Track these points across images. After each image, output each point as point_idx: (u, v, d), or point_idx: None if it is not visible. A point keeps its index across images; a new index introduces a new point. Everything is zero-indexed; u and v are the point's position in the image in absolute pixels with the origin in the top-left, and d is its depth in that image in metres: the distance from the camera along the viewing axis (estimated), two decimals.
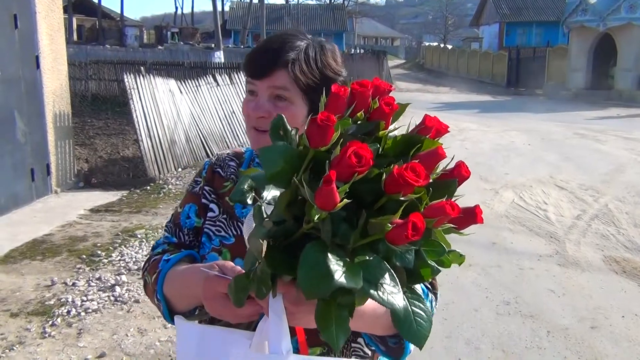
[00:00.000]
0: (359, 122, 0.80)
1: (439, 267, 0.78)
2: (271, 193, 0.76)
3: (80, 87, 15.59)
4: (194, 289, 0.97)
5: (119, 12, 42.63)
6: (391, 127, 0.81)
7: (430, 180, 0.73)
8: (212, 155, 1.33)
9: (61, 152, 6.89)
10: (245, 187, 0.78)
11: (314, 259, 0.67)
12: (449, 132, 0.82)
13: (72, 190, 6.98)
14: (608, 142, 11.50)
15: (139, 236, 5.11)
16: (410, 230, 0.66)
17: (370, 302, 0.78)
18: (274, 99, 1.06)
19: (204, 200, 1.18)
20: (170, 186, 7.19)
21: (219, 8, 35.23)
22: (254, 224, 0.79)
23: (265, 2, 33.61)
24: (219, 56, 19.76)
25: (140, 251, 4.73)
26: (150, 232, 5.26)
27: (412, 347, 1.00)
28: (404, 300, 0.72)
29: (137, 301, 3.83)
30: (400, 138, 0.78)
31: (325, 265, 0.66)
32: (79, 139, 10.25)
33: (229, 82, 10.76)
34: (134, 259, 4.55)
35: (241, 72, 11.77)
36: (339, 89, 0.77)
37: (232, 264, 0.94)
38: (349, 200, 0.68)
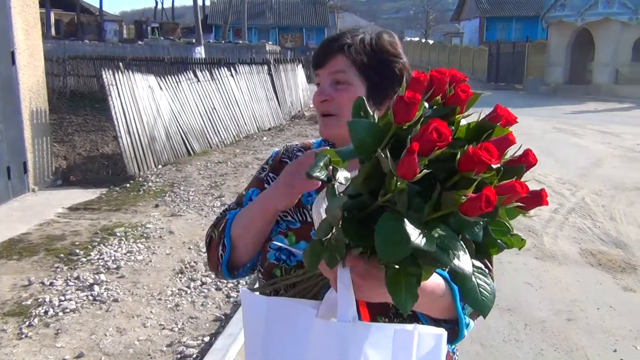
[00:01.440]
0: (436, 106, 0.84)
1: (504, 244, 0.83)
2: (343, 174, 0.82)
3: (58, 83, 15.36)
4: (265, 197, 1.10)
5: (97, 6, 42.04)
6: (466, 113, 0.86)
7: (501, 164, 0.78)
8: (194, 152, 1.40)
9: (38, 149, 6.79)
10: (322, 163, 0.83)
11: (391, 225, 0.72)
12: (517, 122, 0.86)
13: (50, 189, 6.89)
14: (586, 136, 11.67)
15: (118, 234, 5.06)
16: (484, 202, 0.70)
17: (430, 282, 0.89)
18: (334, 83, 1.12)
19: (267, 186, 1.21)
20: (150, 183, 7.13)
21: (200, 2, 34.93)
22: (324, 205, 0.86)
23: None
24: (200, 51, 19.61)
25: (119, 249, 4.69)
26: (130, 230, 5.21)
27: (465, 332, 1.04)
28: (472, 267, 0.77)
29: (115, 300, 3.80)
30: (474, 124, 0.83)
31: (402, 229, 0.71)
32: (57, 136, 10.11)
33: (209, 78, 10.69)
34: (112, 258, 4.51)
35: (222, 68, 11.71)
36: (420, 75, 0.82)
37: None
38: (428, 171, 0.73)
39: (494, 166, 0.75)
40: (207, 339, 3.37)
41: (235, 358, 3.16)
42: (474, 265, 0.80)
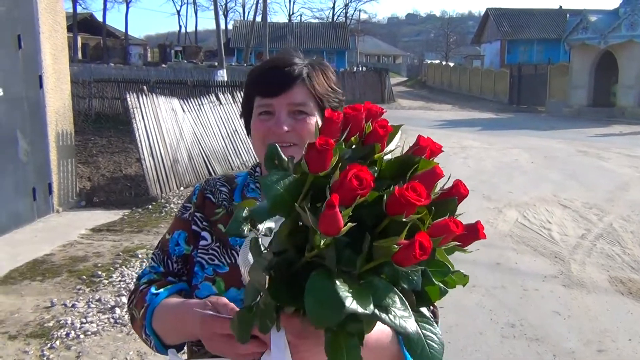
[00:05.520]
0: (353, 146, 0.79)
1: (445, 288, 0.76)
2: (266, 224, 0.76)
3: (84, 105, 15.69)
4: (189, 327, 0.95)
5: (123, 30, 43.10)
6: (388, 149, 0.80)
7: (431, 200, 0.72)
8: (216, 174, 1.31)
9: (63, 171, 6.89)
10: (241, 219, 0.76)
11: (321, 286, 0.66)
12: (442, 151, 0.80)
13: (73, 210, 6.97)
14: (611, 160, 11.46)
15: (140, 256, 5.08)
16: (418, 250, 0.65)
17: (373, 333, 0.76)
18: (292, 113, 1.08)
19: (194, 227, 1.14)
20: (172, 205, 7.16)
21: (222, 26, 35.56)
22: (250, 254, 0.78)
23: (268, 20, 33.92)
24: (222, 74, 19.87)
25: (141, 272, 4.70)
26: (152, 252, 5.22)
27: None
28: (416, 324, 0.70)
29: None
30: (395, 160, 0.78)
31: (333, 292, 0.65)
32: (82, 157, 10.27)
33: (231, 101, 10.80)
34: (134, 280, 4.51)
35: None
36: (333, 114, 0.77)
37: (225, 300, 0.92)
38: (353, 224, 0.67)
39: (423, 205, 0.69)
40: None
41: None
42: (418, 316, 0.73)
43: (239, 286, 1.04)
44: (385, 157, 0.79)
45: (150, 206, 7.14)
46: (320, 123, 1.06)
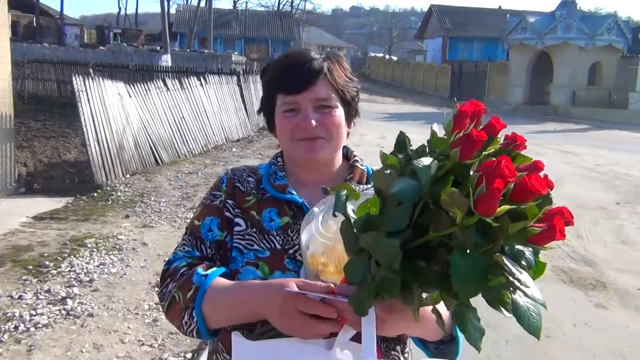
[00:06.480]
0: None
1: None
2: (350, 207, 0.84)
3: (17, 87, 14.85)
4: (255, 306, 0.96)
5: (58, 9, 41.03)
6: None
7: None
8: (163, 162, 1.31)
9: (2, 155, 6.53)
10: (343, 199, 0.84)
11: (467, 263, 0.73)
12: (526, 147, 0.87)
13: (12, 197, 6.62)
14: (547, 155, 12.02)
15: (89, 246, 4.89)
16: (558, 233, 0.73)
17: (427, 308, 0.85)
18: (317, 108, 1.11)
19: (227, 214, 1.15)
20: (118, 193, 6.94)
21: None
22: (316, 233, 0.90)
23: (213, 6, 33.25)
24: (167, 60, 19.33)
25: (91, 261, 4.53)
26: (101, 241, 5.05)
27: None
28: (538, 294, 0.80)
29: (90, 315, 3.65)
30: (495, 153, 0.83)
31: (481, 267, 0.73)
32: (16, 142, 9.75)
33: (179, 87, 10.54)
34: (85, 270, 4.35)
35: (192, 77, 11.56)
36: (464, 108, 0.84)
37: (320, 284, 0.91)
38: (510, 207, 0.72)
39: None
40: (189, 355, 3.28)
41: None
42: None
43: (283, 269, 1.07)
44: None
45: (95, 194, 6.88)
46: (343, 114, 1.13)
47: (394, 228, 0.76)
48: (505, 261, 0.75)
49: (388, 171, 0.81)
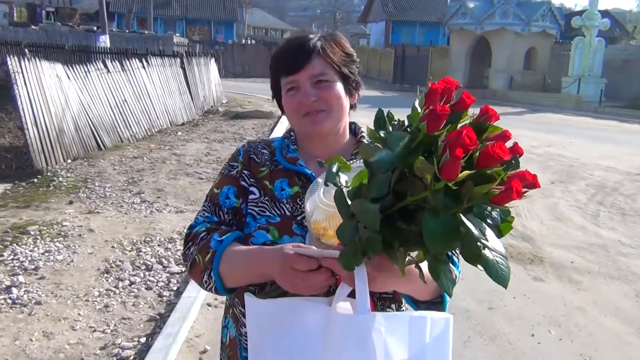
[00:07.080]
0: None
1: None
2: (344, 177, 0.93)
3: None
4: (264, 267, 1.08)
5: None
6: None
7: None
8: (105, 146, 1.39)
9: None
10: (334, 170, 0.93)
11: (440, 220, 0.81)
12: (499, 119, 0.93)
13: None
14: None
15: (32, 233, 4.74)
16: (515, 193, 0.81)
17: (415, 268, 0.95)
18: (315, 84, 1.20)
19: (242, 183, 1.27)
20: (60, 179, 6.71)
21: None
22: (319, 201, 1.00)
23: None
24: (105, 40, 18.64)
25: (35, 249, 4.39)
26: (45, 228, 4.89)
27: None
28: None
29: (38, 303, 3.56)
30: (470, 125, 0.90)
31: (451, 224, 0.81)
32: None
33: (120, 69, 10.22)
34: (29, 258, 4.22)
35: (133, 59, 11.23)
36: (435, 86, 0.92)
37: (314, 248, 1.03)
38: (470, 172, 0.80)
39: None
40: (143, 339, 3.26)
41: (177, 358, 3.09)
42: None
43: (291, 234, 1.19)
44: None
45: (35, 180, 6.62)
46: (342, 87, 1.23)
47: (377, 194, 0.85)
48: (464, 219, 0.83)
49: (373, 145, 0.89)
